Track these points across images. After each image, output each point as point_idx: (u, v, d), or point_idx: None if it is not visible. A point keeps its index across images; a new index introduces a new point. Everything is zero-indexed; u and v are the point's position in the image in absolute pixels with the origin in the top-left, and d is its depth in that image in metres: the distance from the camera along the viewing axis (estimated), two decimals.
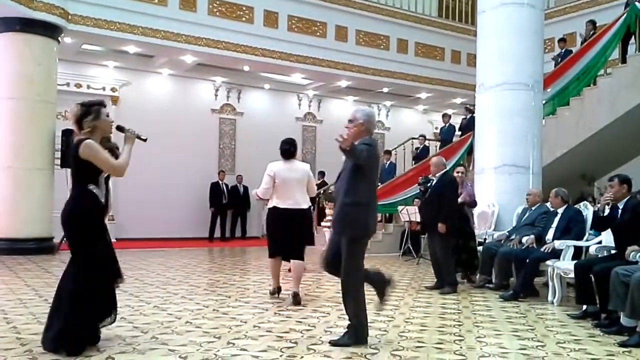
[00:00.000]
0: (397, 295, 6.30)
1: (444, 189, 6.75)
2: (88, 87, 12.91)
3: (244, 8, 12.24)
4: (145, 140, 4.02)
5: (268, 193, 5.82)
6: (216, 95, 14.82)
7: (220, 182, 13.88)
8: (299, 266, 5.80)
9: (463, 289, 6.85)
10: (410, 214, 10.11)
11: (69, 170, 4.16)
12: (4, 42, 9.99)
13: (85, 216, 3.75)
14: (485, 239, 7.49)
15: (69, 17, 10.36)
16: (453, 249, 6.85)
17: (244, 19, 12.24)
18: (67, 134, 10.63)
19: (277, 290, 6.00)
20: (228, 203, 13.95)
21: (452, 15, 15.35)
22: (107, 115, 3.93)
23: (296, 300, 5.57)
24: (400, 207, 10.48)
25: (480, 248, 7.35)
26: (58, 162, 10.45)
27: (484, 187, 8.08)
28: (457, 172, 7.48)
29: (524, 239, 6.50)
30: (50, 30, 10.14)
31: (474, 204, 7.55)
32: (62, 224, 3.80)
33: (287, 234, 5.70)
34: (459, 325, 4.81)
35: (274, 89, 15.47)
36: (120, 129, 3.98)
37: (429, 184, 7.09)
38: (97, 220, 3.82)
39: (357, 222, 4.07)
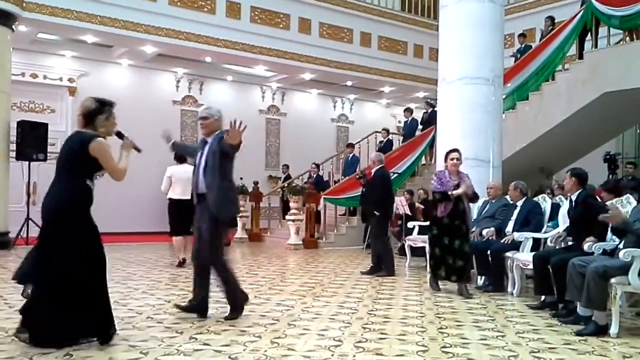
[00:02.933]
0: (360, 287, 6.33)
1: (377, 182, 7.70)
2: (44, 77, 12.52)
3: None
4: (139, 151, 4.11)
5: (167, 188, 7.96)
6: (177, 87, 14.57)
7: None
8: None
9: (426, 281, 6.93)
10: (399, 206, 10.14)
11: (37, 163, 4.10)
12: None
13: (81, 208, 3.72)
14: None
15: (24, 4, 10.01)
16: (443, 252, 6.05)
17: (205, 9, 12.05)
18: (22, 125, 10.34)
19: (183, 261, 7.75)
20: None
21: (415, 9, 15.44)
22: (114, 117, 3.93)
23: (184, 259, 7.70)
24: None
25: None
26: (13, 154, 10.12)
27: None
28: (452, 160, 6.16)
29: (485, 231, 6.61)
30: (4, 18, 9.75)
31: (475, 197, 6.33)
32: (50, 215, 3.68)
33: (181, 217, 7.40)
34: (422, 316, 4.86)
35: (237, 81, 15.31)
36: (119, 135, 4.00)
37: (362, 178, 8.32)
38: (89, 214, 3.79)
39: (234, 205, 4.74)
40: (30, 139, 10.31)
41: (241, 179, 12.90)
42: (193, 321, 4.49)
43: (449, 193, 5.96)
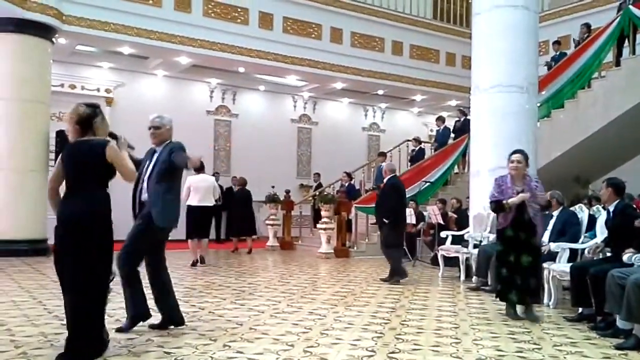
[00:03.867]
0: (392, 297, 6.29)
1: (388, 191, 7.80)
2: (82, 88, 12.88)
3: (239, 9, 12.23)
4: (133, 148, 4.08)
5: (186, 196, 8.69)
6: (211, 97, 14.80)
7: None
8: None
9: (459, 291, 6.86)
10: (406, 216, 10.10)
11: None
12: None
13: (108, 217, 3.72)
14: (481, 241, 7.50)
15: (63, 17, 10.32)
16: (511, 271, 5.26)
17: (239, 20, 12.23)
18: (61, 135, 10.61)
19: (196, 262, 8.77)
20: (222, 205, 13.90)
21: (447, 17, 15.39)
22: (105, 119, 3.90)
23: (202, 259, 8.92)
24: None
25: (475, 251, 7.36)
26: (52, 163, 10.39)
27: (479, 189, 8.09)
28: (512, 162, 5.36)
29: None
30: (44, 31, 10.08)
31: (545, 204, 5.51)
32: (78, 225, 3.58)
33: (197, 222, 8.80)
34: (456, 327, 4.80)
35: (269, 91, 15.47)
36: (112, 135, 3.94)
37: (377, 188, 8.53)
38: (111, 222, 3.78)
39: (174, 217, 4.53)
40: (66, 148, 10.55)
41: (273, 187, 13.05)
42: (226, 329, 4.53)
43: (503, 202, 5.23)
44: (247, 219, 11.73)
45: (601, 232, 5.68)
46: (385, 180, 7.98)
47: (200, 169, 8.64)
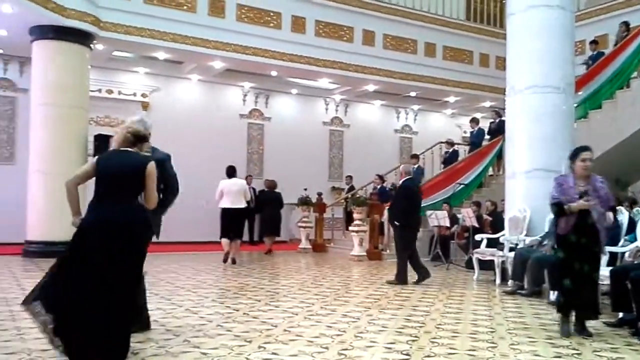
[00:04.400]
0: (427, 301, 6.25)
1: (400, 194, 7.91)
2: (119, 93, 13.16)
3: (272, 14, 12.33)
4: None
5: (219, 199, 9.48)
6: (244, 101, 14.95)
7: (248, 186, 13.94)
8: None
9: (495, 295, 6.78)
10: (440, 218, 10.05)
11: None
12: (38, 50, 10.24)
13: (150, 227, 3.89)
14: (517, 244, 7.40)
15: (101, 24, 10.56)
16: (575, 282, 4.68)
17: (271, 24, 12.32)
18: (99, 139, 10.86)
19: (227, 256, 9.38)
20: (255, 207, 14.02)
21: (480, 18, 15.23)
22: None
23: (233, 260, 9.37)
24: (429, 212, 10.40)
25: (511, 254, 7.26)
26: None
27: (515, 192, 7.99)
28: (583, 161, 4.70)
29: None
30: (82, 38, 10.34)
31: (612, 209, 4.98)
32: (126, 231, 3.63)
33: (228, 222, 9.41)
34: (492, 332, 4.74)
35: (301, 94, 15.53)
36: None
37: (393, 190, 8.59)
38: None
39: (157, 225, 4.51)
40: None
41: (305, 189, 13.10)
42: (261, 330, 4.57)
43: (565, 206, 4.66)
44: (273, 220, 12.29)
45: None
46: (400, 183, 8.08)
47: (231, 173, 9.45)
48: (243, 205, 9.54)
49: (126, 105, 13.11)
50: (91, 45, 10.76)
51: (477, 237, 8.51)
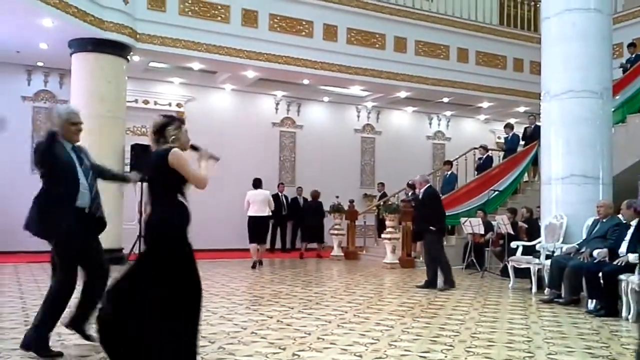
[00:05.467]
0: (461, 309, 6.19)
1: (426, 201, 8.21)
2: (155, 103, 13.41)
3: (304, 22, 12.41)
4: (218, 159, 4.02)
5: (246, 208, 10.26)
6: (277, 109, 15.07)
7: (280, 194, 14.05)
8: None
9: (531, 303, 6.67)
10: (474, 226, 9.93)
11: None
12: (77, 62, 10.51)
13: (179, 226, 3.67)
14: (553, 252, 7.27)
15: (137, 36, 10.80)
16: None
17: (303, 33, 12.40)
18: (136, 148, 11.08)
19: (255, 263, 10.06)
20: (288, 215, 14.09)
21: (513, 22, 15.04)
22: (186, 132, 3.90)
23: (260, 262, 10.17)
24: (463, 219, 10.31)
25: (548, 262, 7.14)
26: None
27: (551, 198, 7.86)
28: None
29: (596, 252, 6.25)
30: (119, 50, 10.58)
31: None
32: (150, 233, 3.68)
33: (255, 229, 10.13)
34: (529, 341, 4.67)
35: (333, 102, 15.58)
36: (194, 147, 3.95)
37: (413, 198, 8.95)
38: (186, 232, 3.72)
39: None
40: (143, 161, 11.02)
41: (337, 197, 13.12)
42: (295, 338, 4.59)
43: None
44: (318, 228, 13.13)
45: None
46: (422, 191, 8.33)
47: (257, 184, 10.36)
48: (267, 213, 10.29)
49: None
50: (128, 57, 11.00)
51: (513, 244, 8.39)
